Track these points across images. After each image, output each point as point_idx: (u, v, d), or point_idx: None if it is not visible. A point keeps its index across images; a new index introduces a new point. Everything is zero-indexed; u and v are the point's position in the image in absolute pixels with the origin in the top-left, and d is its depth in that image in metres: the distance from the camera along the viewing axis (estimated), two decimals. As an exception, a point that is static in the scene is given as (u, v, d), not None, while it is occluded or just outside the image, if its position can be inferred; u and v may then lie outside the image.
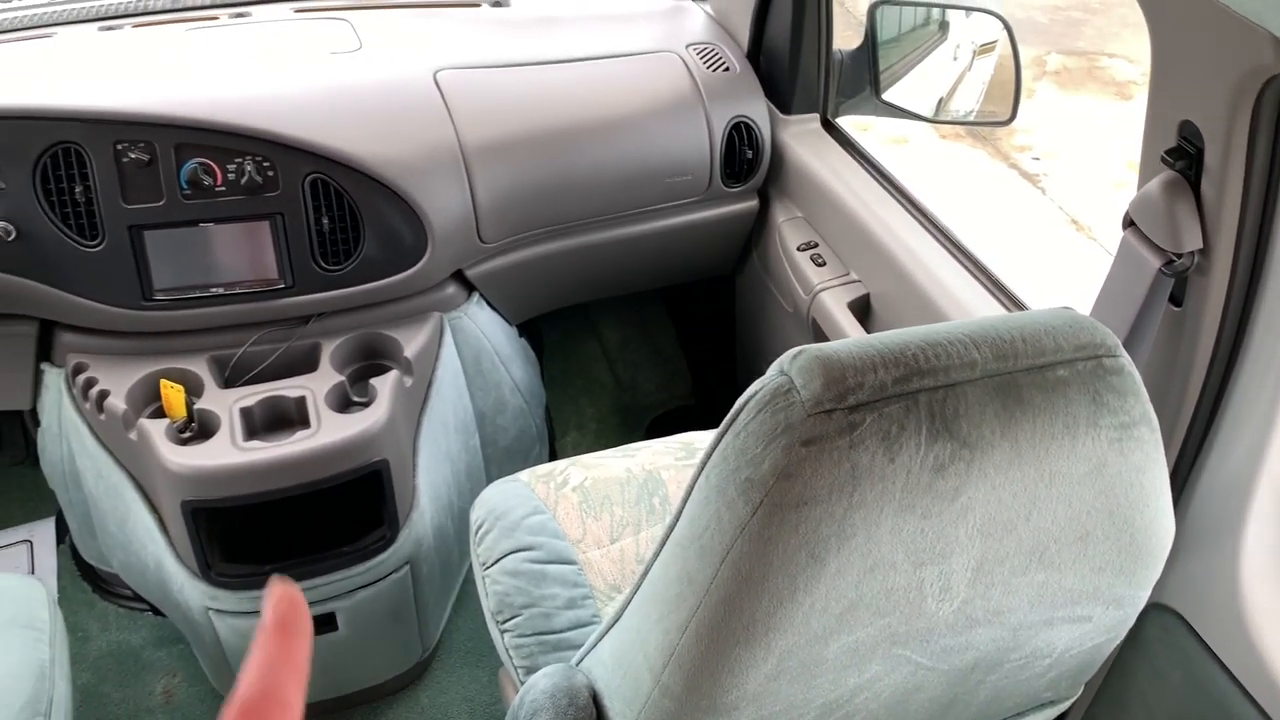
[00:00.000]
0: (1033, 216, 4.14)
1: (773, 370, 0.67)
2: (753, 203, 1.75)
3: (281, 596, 0.34)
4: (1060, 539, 0.70)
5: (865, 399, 0.63)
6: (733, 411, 0.68)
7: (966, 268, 1.37)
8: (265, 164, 1.37)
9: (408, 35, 1.65)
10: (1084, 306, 0.87)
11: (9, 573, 1.30)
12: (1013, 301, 1.31)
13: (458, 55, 1.58)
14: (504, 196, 1.51)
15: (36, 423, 1.56)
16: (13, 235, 1.33)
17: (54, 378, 1.47)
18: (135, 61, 1.49)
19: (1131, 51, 5.30)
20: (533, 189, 1.54)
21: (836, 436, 0.63)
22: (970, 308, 1.30)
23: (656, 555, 0.75)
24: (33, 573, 1.85)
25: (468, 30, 1.70)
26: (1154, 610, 1.04)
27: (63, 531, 1.88)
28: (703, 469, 0.69)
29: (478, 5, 1.78)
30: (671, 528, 0.73)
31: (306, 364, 1.45)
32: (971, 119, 1.65)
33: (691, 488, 0.71)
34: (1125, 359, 0.70)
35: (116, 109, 1.33)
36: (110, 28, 1.60)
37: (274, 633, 0.33)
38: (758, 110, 1.67)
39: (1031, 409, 0.66)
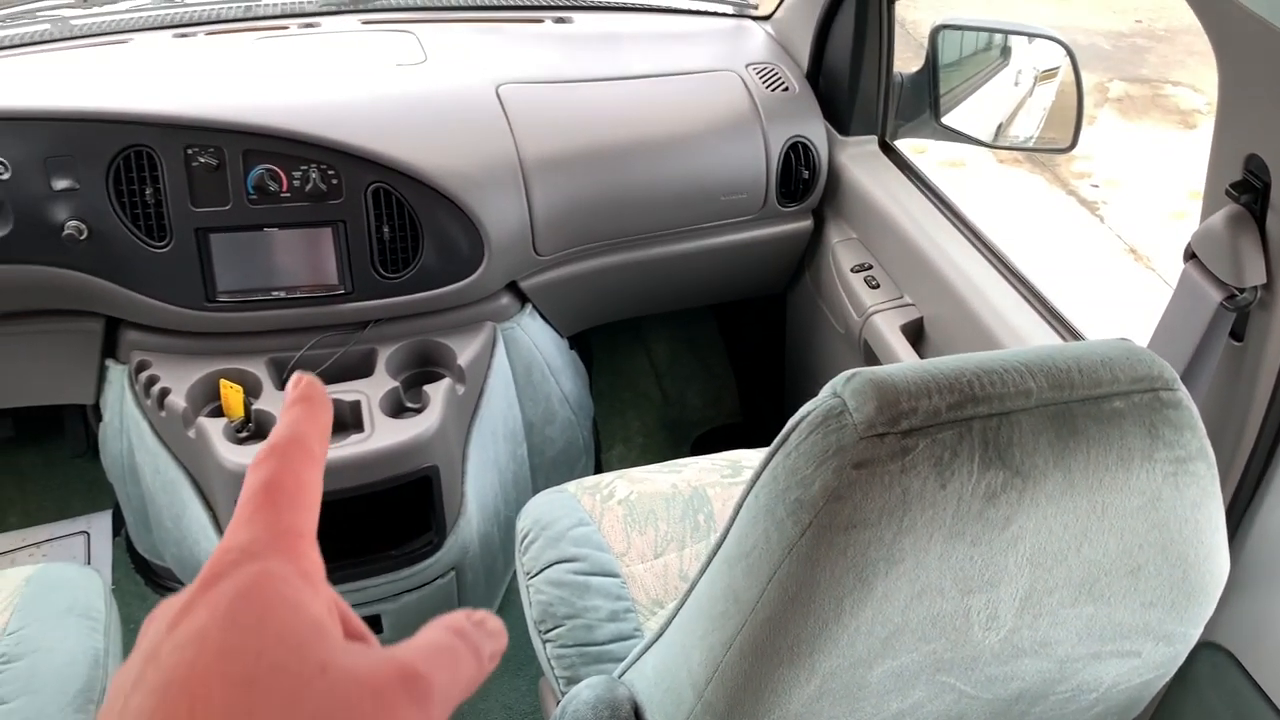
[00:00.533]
0: (1090, 244, 4.09)
1: (826, 392, 0.67)
2: (807, 223, 1.75)
3: (302, 377, 0.38)
4: (1111, 572, 0.70)
5: (919, 424, 0.64)
6: (784, 431, 0.68)
7: (1022, 294, 1.36)
8: (330, 172, 1.40)
9: (472, 49, 1.68)
10: (1142, 337, 0.87)
11: (68, 562, 1.33)
12: (1069, 330, 1.30)
13: (520, 70, 1.61)
14: (560, 210, 1.53)
15: (99, 417, 1.60)
16: (85, 234, 1.37)
17: (117, 374, 1.51)
18: (207, 68, 1.53)
19: (1197, 80, 5.22)
20: (589, 203, 1.56)
21: (888, 461, 0.63)
22: (1025, 335, 1.29)
23: (703, 571, 0.75)
24: (89, 563, 1.89)
25: (530, 45, 1.72)
26: (1205, 649, 1.02)
27: (119, 524, 1.93)
28: (752, 488, 0.70)
29: (541, 21, 1.81)
30: (719, 545, 0.73)
31: (362, 369, 1.47)
32: (1031, 145, 1.64)
33: (740, 506, 0.71)
34: (1183, 393, 0.69)
35: (188, 114, 1.37)
36: (184, 35, 1.64)
37: (299, 401, 0.37)
38: (815, 130, 1.68)
39: (1086, 440, 0.65)
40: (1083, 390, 0.66)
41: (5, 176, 1.29)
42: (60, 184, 1.36)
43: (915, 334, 1.52)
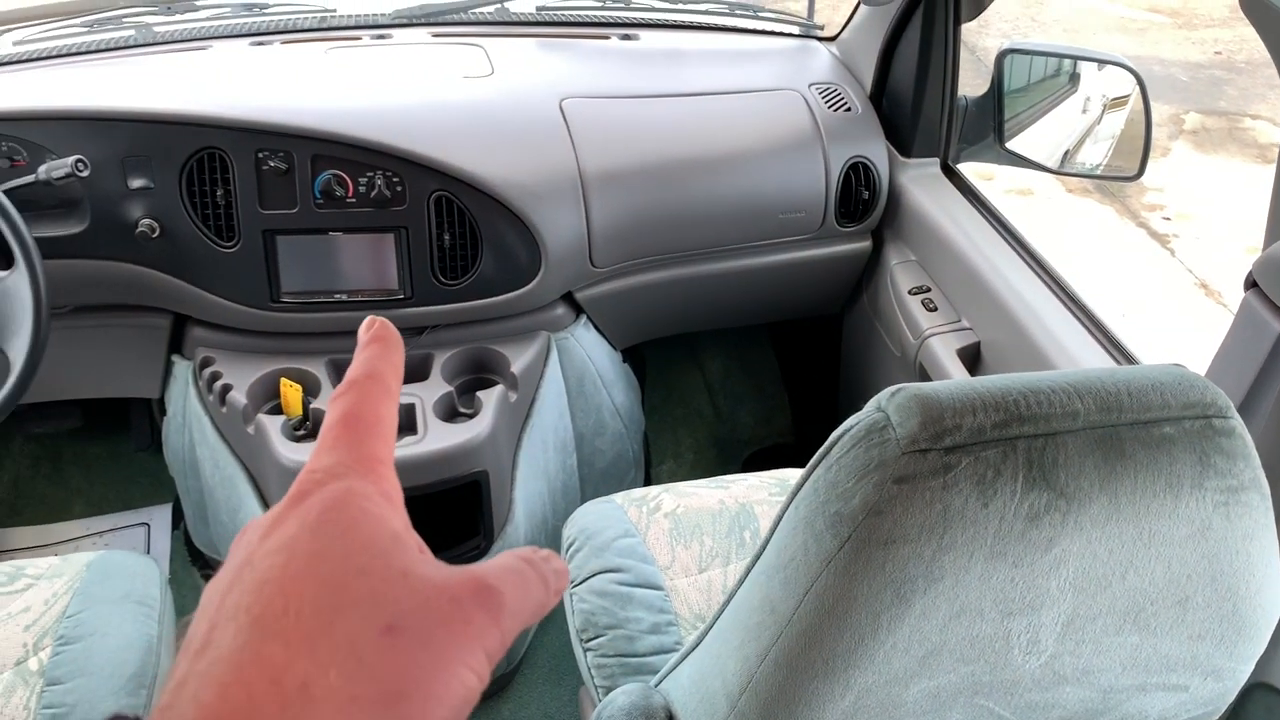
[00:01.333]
0: (1160, 278, 4.01)
1: (870, 406, 0.67)
2: (865, 243, 1.75)
3: (375, 320, 0.41)
4: (1157, 601, 0.68)
5: (962, 441, 0.63)
6: (826, 444, 0.68)
7: (1083, 323, 1.35)
8: (394, 179, 1.43)
9: (537, 63, 1.70)
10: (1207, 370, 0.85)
11: (125, 550, 1.37)
12: (1128, 360, 1.28)
13: (584, 84, 1.63)
14: (618, 223, 1.54)
15: (163, 411, 1.64)
16: (157, 232, 1.41)
17: (182, 369, 1.55)
18: (281, 76, 1.57)
19: (1279, 114, 5.10)
20: (647, 218, 1.57)
21: (930, 477, 0.63)
22: (1082, 362, 1.27)
23: (741, 582, 0.75)
24: (149, 553, 1.94)
25: (595, 60, 1.75)
26: (1258, 690, 1.00)
27: (178, 517, 1.97)
28: (792, 499, 0.70)
29: (607, 38, 1.83)
30: (758, 555, 0.73)
31: (418, 373, 1.49)
32: (1097, 173, 1.62)
33: (780, 517, 0.71)
34: (1237, 421, 0.68)
35: (260, 119, 1.41)
36: (261, 43, 1.69)
37: (373, 341, 0.40)
38: (877, 152, 1.67)
39: (1133, 464, 0.64)
40: (1132, 414, 0.65)
41: (85, 174, 1.33)
42: (136, 183, 1.41)
43: (972, 359, 1.50)
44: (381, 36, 1.74)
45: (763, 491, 1.37)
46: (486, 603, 0.34)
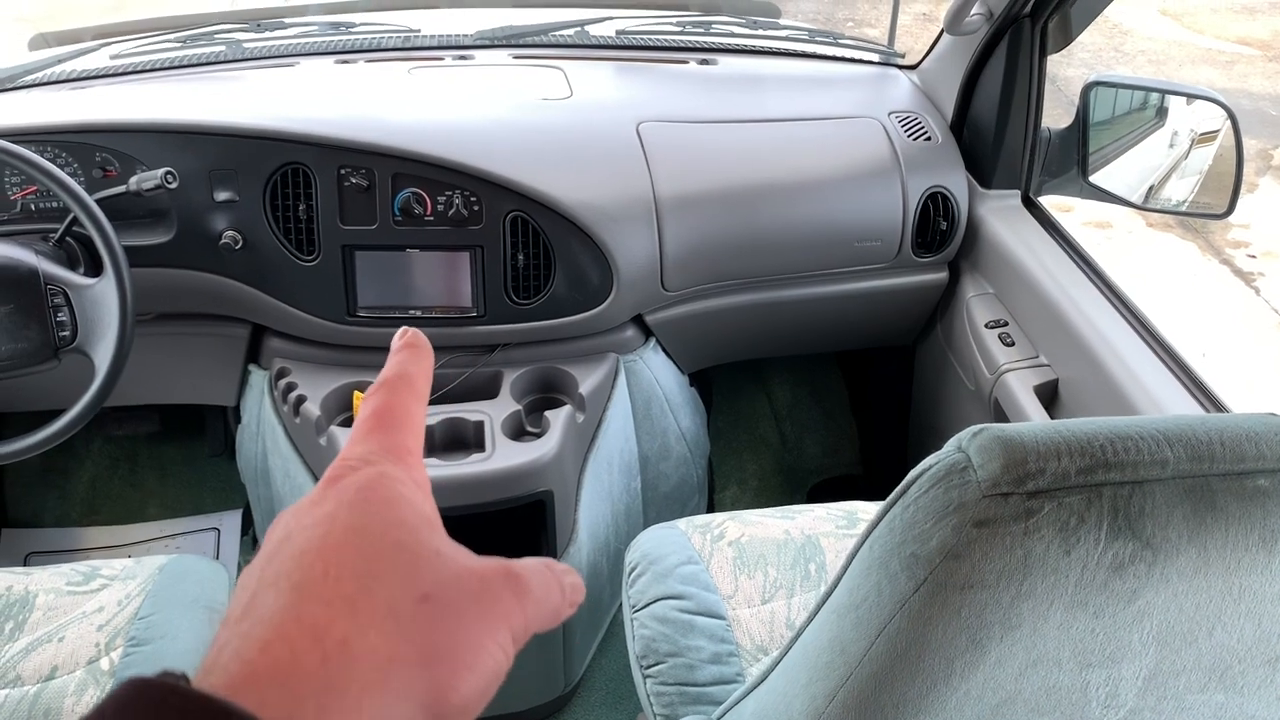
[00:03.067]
0: (1243, 317, 3.90)
1: (950, 445, 0.65)
2: (942, 274, 1.72)
3: (408, 330, 0.44)
4: (1246, 660, 0.66)
5: (1045, 486, 0.61)
6: (904, 483, 0.67)
7: (1165, 363, 1.31)
8: (472, 198, 1.45)
9: (616, 86, 1.71)
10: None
11: (197, 555, 1.40)
12: (1213, 403, 1.24)
13: (661, 108, 1.63)
14: (691, 248, 1.54)
15: (238, 419, 1.67)
16: (239, 244, 1.44)
17: (258, 379, 1.58)
18: (365, 94, 1.60)
19: (1372, 151, 4.94)
20: (720, 243, 1.56)
21: (1011, 521, 0.61)
22: (1165, 405, 1.23)
23: (811, 619, 0.74)
24: (218, 558, 1.98)
25: (673, 85, 1.75)
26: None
27: (248, 523, 2.01)
28: (867, 538, 0.68)
29: (685, 63, 1.83)
30: (828, 594, 0.72)
31: (488, 390, 1.50)
32: (1183, 209, 1.58)
33: (853, 556, 0.70)
34: (1337, 476, 0.65)
35: (344, 137, 1.43)
36: (346, 61, 1.72)
37: (405, 347, 0.43)
38: (956, 182, 1.65)
39: (1224, 517, 0.62)
40: (1224, 464, 0.63)
41: (173, 186, 1.37)
42: (221, 195, 1.44)
43: (1049, 396, 1.47)
44: (463, 57, 1.77)
45: (829, 524, 1.35)
46: (514, 586, 0.36)
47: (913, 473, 0.67)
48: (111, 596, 1.27)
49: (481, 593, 0.35)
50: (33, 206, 1.46)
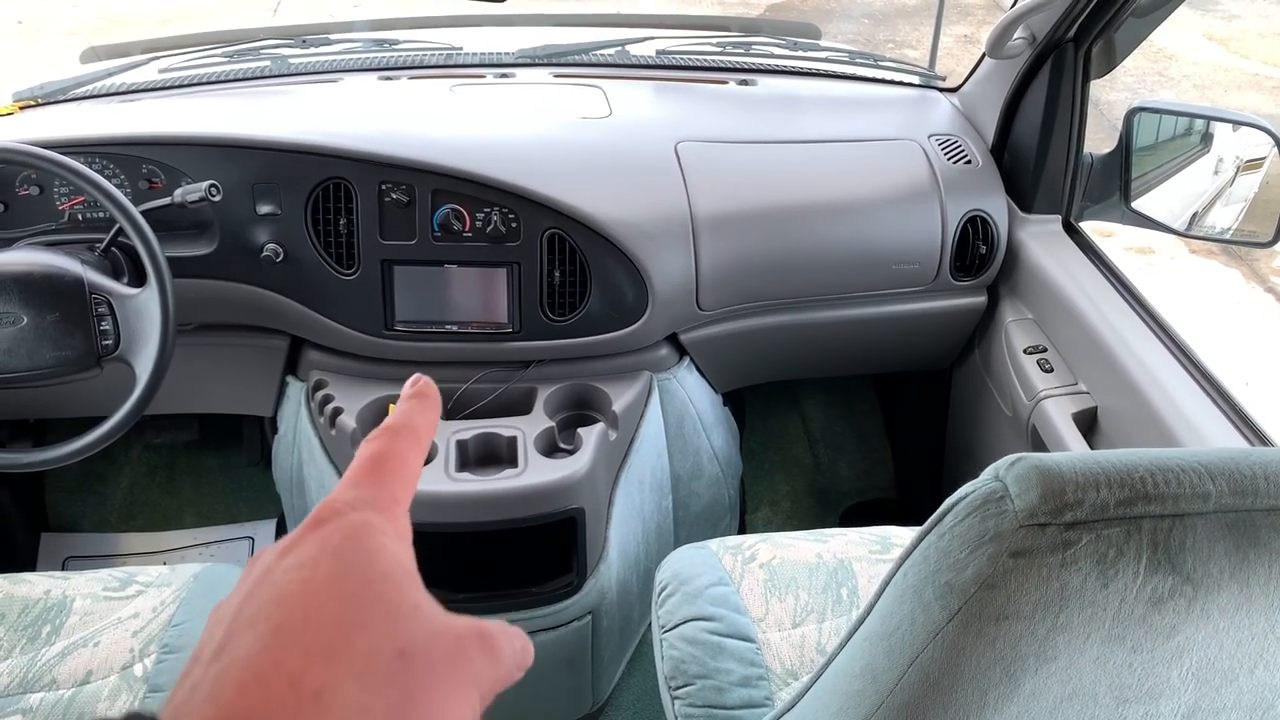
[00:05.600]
0: (1288, 346, 3.83)
1: (987, 474, 0.65)
2: (980, 299, 1.71)
3: (420, 378, 0.45)
4: (1289, 700, 0.64)
5: (1083, 517, 0.61)
6: (939, 511, 0.66)
7: (1209, 394, 1.29)
8: (510, 215, 1.45)
9: (655, 106, 1.72)
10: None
11: (230, 564, 1.41)
12: (1258, 437, 1.22)
13: (700, 128, 1.63)
14: (727, 267, 1.54)
15: (275, 430, 1.69)
16: (280, 257, 1.46)
17: (295, 390, 1.60)
18: (407, 111, 1.62)
19: None
20: (756, 263, 1.56)
21: (1048, 553, 0.60)
22: (1208, 436, 1.21)
23: (842, 646, 0.73)
24: (251, 567, 1.99)
25: (712, 105, 1.75)
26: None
27: (281, 533, 2.02)
28: (900, 565, 0.68)
29: (725, 83, 1.83)
30: (860, 621, 0.72)
31: (521, 406, 1.51)
32: (1228, 237, 1.56)
33: (887, 583, 0.69)
34: (1386, 514, 0.64)
35: (385, 153, 1.45)
36: (389, 78, 1.74)
37: (414, 396, 0.44)
38: (996, 206, 1.64)
39: (1268, 553, 0.61)
40: (1269, 499, 0.62)
41: (217, 199, 1.39)
42: (264, 209, 1.46)
43: (1088, 424, 1.45)
44: (504, 75, 1.78)
45: (862, 548, 1.34)
46: (487, 648, 0.36)
47: (949, 501, 0.66)
48: (146, 603, 1.29)
49: (455, 652, 0.35)
50: (80, 217, 1.49)
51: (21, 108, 1.63)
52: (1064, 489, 0.61)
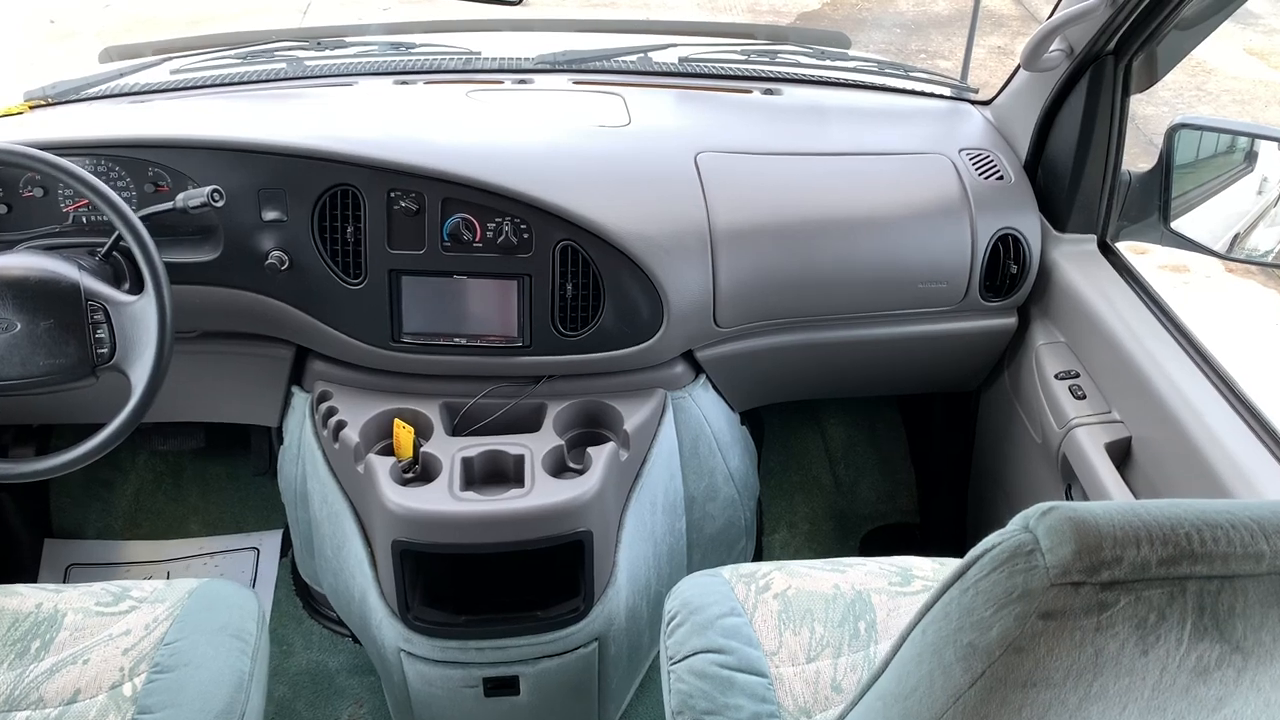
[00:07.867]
0: (1328, 370, 3.73)
1: (1016, 524, 0.59)
2: (1010, 320, 1.65)
3: None
4: (1347, 782, 0.58)
5: (1122, 576, 0.55)
6: (963, 562, 0.61)
7: (1252, 428, 1.22)
8: (522, 226, 1.41)
9: (675, 115, 1.67)
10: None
11: (231, 581, 1.37)
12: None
13: (721, 138, 1.58)
14: (746, 283, 1.49)
15: (280, 440, 1.65)
16: (285, 265, 1.42)
17: (300, 401, 1.56)
18: (420, 117, 1.58)
19: None
20: (777, 278, 1.51)
21: (1082, 615, 0.55)
22: (1252, 477, 1.14)
23: (854, 704, 0.68)
24: (255, 578, 1.96)
25: (735, 114, 1.70)
26: None
27: (287, 544, 1.99)
28: (919, 620, 0.62)
29: (749, 92, 1.78)
30: (876, 677, 0.66)
31: (530, 423, 1.46)
32: (1270, 260, 1.50)
33: (904, 638, 0.64)
34: None
35: (395, 159, 1.41)
36: (405, 82, 1.71)
37: None
38: (1029, 224, 1.58)
39: (1330, 623, 0.55)
40: (1331, 563, 0.56)
41: (220, 204, 1.35)
42: (269, 215, 1.42)
43: (1121, 455, 1.39)
44: (523, 81, 1.74)
45: (882, 579, 1.29)
46: None
47: (974, 551, 0.61)
48: (139, 620, 1.25)
49: None
50: (84, 220, 1.46)
51: (31, 107, 1.61)
52: (1101, 544, 0.56)
